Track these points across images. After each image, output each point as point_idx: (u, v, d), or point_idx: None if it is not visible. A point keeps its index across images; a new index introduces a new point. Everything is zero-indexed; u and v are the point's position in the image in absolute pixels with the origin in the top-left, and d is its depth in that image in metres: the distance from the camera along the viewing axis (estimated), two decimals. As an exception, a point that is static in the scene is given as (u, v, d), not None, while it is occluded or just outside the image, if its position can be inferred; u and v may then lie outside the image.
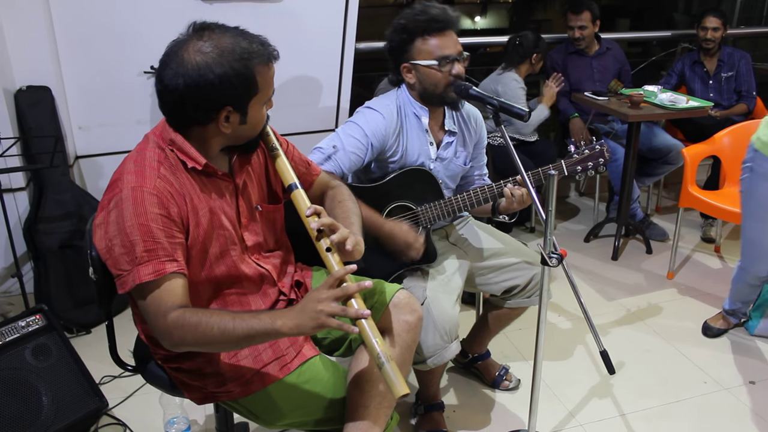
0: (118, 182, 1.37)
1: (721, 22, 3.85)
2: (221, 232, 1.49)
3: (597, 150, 2.12)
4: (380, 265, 2.03)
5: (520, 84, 3.56)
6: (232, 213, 1.52)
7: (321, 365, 1.56)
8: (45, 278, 2.75)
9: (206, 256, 1.47)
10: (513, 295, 2.22)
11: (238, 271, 1.53)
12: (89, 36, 2.80)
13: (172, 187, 1.39)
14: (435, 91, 2.00)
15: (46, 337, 2.15)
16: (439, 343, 1.91)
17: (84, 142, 2.99)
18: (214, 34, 1.37)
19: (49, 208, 2.74)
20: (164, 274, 1.33)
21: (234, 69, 1.34)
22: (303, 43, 3.12)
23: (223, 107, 1.38)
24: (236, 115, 1.41)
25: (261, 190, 1.63)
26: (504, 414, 2.35)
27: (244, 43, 1.37)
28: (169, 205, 1.36)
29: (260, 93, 1.42)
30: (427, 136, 2.10)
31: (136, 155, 1.42)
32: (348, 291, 1.34)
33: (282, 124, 3.20)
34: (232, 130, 1.43)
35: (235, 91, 1.36)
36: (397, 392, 1.31)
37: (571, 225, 4.13)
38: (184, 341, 1.33)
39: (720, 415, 2.33)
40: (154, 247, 1.33)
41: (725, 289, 2.80)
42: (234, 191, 1.54)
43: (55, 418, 2.05)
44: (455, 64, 1.97)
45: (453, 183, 2.24)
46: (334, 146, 1.97)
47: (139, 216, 1.32)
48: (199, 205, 1.44)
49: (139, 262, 1.32)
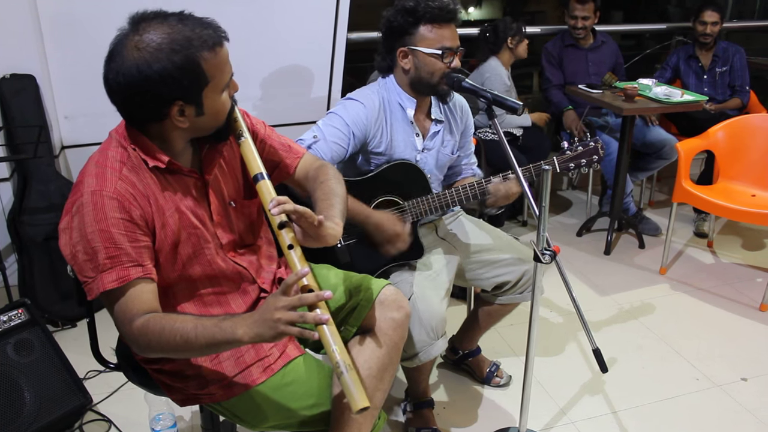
0: (80, 186, 1.31)
1: (719, 17, 3.83)
2: (192, 231, 1.42)
3: (591, 147, 2.08)
4: (367, 259, 2.00)
5: (502, 78, 3.51)
6: (201, 211, 1.45)
7: (305, 365, 1.53)
8: (29, 271, 2.70)
9: (177, 257, 1.41)
10: (504, 291, 2.19)
11: (214, 270, 1.48)
12: (75, 23, 2.74)
13: (134, 188, 1.32)
14: (430, 80, 1.97)
15: (28, 331, 2.11)
16: (426, 340, 1.89)
17: (70, 131, 2.93)
18: (150, 25, 1.25)
19: (33, 199, 2.69)
20: (128, 281, 1.29)
21: (174, 62, 1.23)
22: (293, 32, 3.07)
23: (173, 102, 1.28)
24: (190, 108, 1.31)
25: (236, 182, 1.55)
26: (495, 411, 2.33)
27: (185, 32, 1.25)
28: (131, 208, 1.30)
29: (212, 81, 1.30)
30: (412, 128, 2.07)
31: (98, 155, 1.36)
32: (305, 302, 1.23)
33: (272, 115, 3.18)
34: (191, 123, 1.34)
35: (179, 84, 1.25)
36: (355, 405, 1.22)
37: (564, 219, 4.11)
38: (150, 348, 1.30)
39: (712, 412, 2.32)
40: (117, 254, 1.28)
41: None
42: (203, 187, 1.46)
43: (37, 415, 2.02)
44: (454, 57, 1.95)
45: (441, 173, 2.21)
46: (315, 136, 1.94)
47: (100, 222, 1.27)
48: (165, 206, 1.37)
49: (102, 269, 1.27)
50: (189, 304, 1.48)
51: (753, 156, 3.29)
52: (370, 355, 1.54)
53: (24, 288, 2.72)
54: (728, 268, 3.42)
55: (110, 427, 2.22)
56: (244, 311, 1.53)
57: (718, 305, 3.04)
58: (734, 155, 3.31)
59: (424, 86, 1.99)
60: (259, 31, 3.00)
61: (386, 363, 1.55)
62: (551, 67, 3.92)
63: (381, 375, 1.54)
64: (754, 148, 3.28)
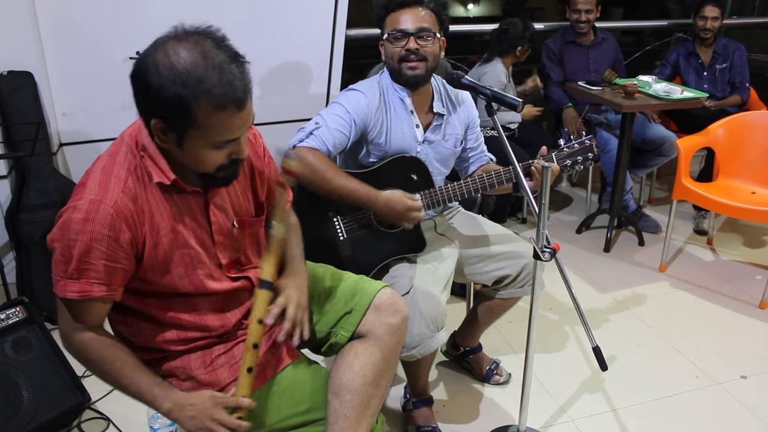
0: (82, 189, 1.30)
1: (720, 12, 3.82)
2: (185, 251, 1.39)
3: (586, 144, 2.09)
4: (369, 252, 2.00)
5: (500, 77, 3.50)
6: (201, 232, 1.42)
7: (299, 371, 1.52)
8: (27, 268, 2.69)
9: (168, 275, 1.39)
10: (504, 285, 2.18)
11: (204, 290, 1.45)
12: (73, 20, 2.73)
13: (135, 203, 1.30)
14: (393, 66, 2.03)
15: (26, 329, 2.10)
16: (426, 332, 1.87)
17: (68, 129, 2.92)
18: (189, 40, 1.20)
19: (31, 196, 2.68)
20: (89, 297, 1.31)
21: (171, 91, 1.18)
22: (293, 28, 3.06)
23: (152, 115, 1.24)
24: (172, 135, 1.25)
25: (246, 201, 1.52)
26: (494, 409, 2.32)
27: (206, 70, 1.18)
28: (121, 229, 1.28)
29: (201, 132, 1.23)
30: (412, 118, 2.07)
31: (107, 160, 1.34)
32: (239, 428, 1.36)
33: (270, 112, 3.17)
34: (171, 148, 1.29)
35: (166, 109, 1.21)
36: None
37: (563, 216, 4.10)
38: (82, 363, 1.40)
39: (711, 410, 2.32)
40: (87, 268, 1.28)
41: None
42: (206, 207, 1.42)
43: (35, 413, 2.01)
44: (410, 39, 1.97)
45: (444, 167, 2.20)
46: (317, 123, 1.96)
47: (85, 234, 1.25)
48: (161, 224, 1.35)
49: (69, 276, 1.29)
50: (183, 312, 1.45)
51: (753, 153, 3.28)
52: (365, 362, 1.51)
53: (22, 286, 2.71)
54: (728, 265, 3.41)
55: (108, 426, 2.21)
56: (239, 319, 1.52)
57: (718, 303, 3.03)
58: (734, 152, 3.30)
59: (395, 74, 2.04)
60: (259, 28, 2.99)
61: (382, 369, 1.53)
62: (551, 64, 3.90)
63: (377, 382, 1.52)
64: (754, 145, 3.28)
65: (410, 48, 1.97)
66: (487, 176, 2.02)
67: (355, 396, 1.47)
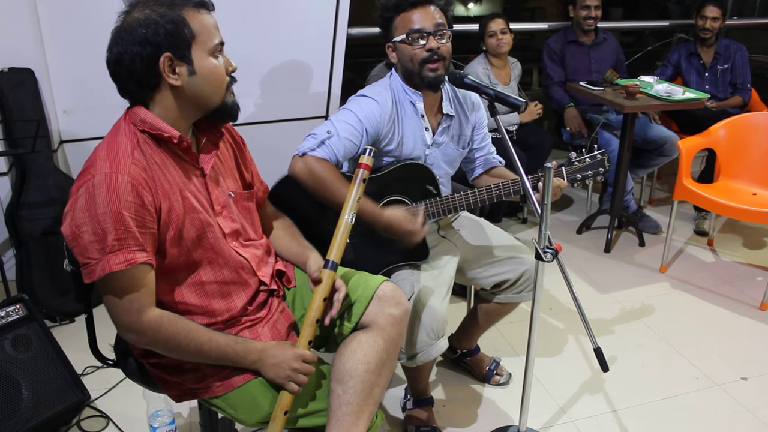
0: (90, 169, 1.32)
1: (720, 12, 3.82)
2: (195, 215, 1.44)
3: (598, 158, 2.07)
4: (371, 258, 1.99)
5: (478, 75, 3.46)
6: (202, 198, 1.48)
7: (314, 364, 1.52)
8: (27, 266, 2.69)
9: (182, 241, 1.42)
10: (503, 289, 2.17)
11: (218, 254, 1.49)
12: (74, 17, 2.72)
13: (145, 172, 1.35)
14: (412, 68, 1.96)
15: (26, 327, 2.10)
16: (426, 340, 1.87)
17: (69, 126, 2.91)
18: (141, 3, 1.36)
19: (31, 193, 2.67)
20: (135, 264, 1.31)
21: (158, 12, 1.32)
22: (294, 27, 3.05)
23: (160, 53, 1.32)
24: (182, 66, 1.35)
25: (233, 177, 1.60)
26: (494, 409, 2.32)
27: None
28: (143, 193, 1.32)
29: (198, 38, 1.36)
30: (422, 122, 2.05)
31: (108, 142, 1.38)
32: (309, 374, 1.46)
33: (271, 110, 3.17)
34: (185, 85, 1.37)
35: (166, 33, 1.32)
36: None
37: (564, 216, 4.10)
38: (157, 344, 1.39)
39: (711, 412, 2.31)
40: (126, 236, 1.29)
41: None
42: (202, 177, 1.49)
43: (35, 411, 2.01)
44: (430, 38, 1.93)
45: (451, 168, 2.18)
46: (329, 131, 1.92)
47: (113, 203, 1.28)
48: (170, 189, 1.40)
49: (109, 250, 1.29)
50: (190, 293, 1.48)
51: (754, 154, 3.28)
52: (369, 350, 1.53)
53: (22, 283, 2.70)
54: (729, 266, 3.41)
55: (108, 424, 2.21)
56: (244, 304, 1.54)
57: (719, 304, 3.03)
58: (735, 153, 3.30)
59: (413, 76, 1.98)
60: (260, 27, 2.98)
61: (384, 359, 1.55)
62: (553, 64, 3.90)
63: (379, 370, 1.53)
64: (755, 146, 3.27)
65: (432, 48, 1.92)
66: (495, 187, 2.00)
67: (359, 383, 1.49)
